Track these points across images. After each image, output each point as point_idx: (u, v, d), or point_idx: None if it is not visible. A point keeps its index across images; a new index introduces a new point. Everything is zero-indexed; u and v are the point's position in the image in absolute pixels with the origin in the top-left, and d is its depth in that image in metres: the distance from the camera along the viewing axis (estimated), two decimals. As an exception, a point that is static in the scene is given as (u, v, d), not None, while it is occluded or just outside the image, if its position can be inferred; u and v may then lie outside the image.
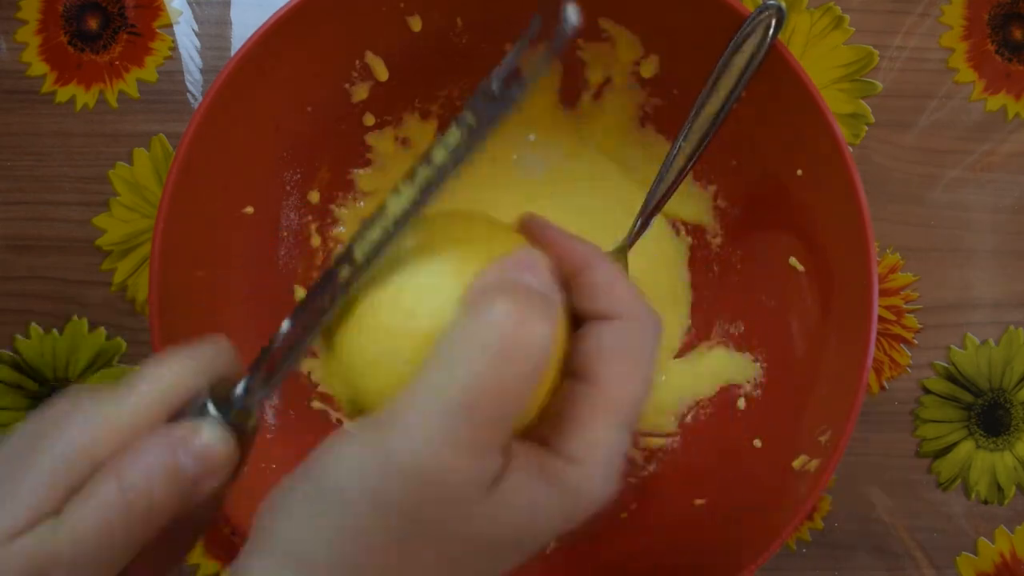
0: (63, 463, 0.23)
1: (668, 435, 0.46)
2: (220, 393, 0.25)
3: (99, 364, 0.47)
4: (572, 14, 0.22)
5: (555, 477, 0.23)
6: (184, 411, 0.25)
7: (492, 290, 0.22)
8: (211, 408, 0.25)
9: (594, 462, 0.23)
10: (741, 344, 0.45)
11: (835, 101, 0.48)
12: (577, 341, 0.25)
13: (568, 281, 0.26)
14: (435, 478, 0.21)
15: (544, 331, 0.21)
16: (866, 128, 0.48)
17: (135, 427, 0.24)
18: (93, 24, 0.47)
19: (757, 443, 0.42)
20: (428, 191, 0.24)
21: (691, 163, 0.39)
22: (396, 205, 0.25)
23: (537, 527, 0.23)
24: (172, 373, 0.25)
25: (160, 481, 0.23)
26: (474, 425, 0.21)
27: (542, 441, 0.24)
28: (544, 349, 0.21)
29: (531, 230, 0.27)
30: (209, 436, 0.24)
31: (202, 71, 0.47)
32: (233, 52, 0.38)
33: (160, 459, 0.23)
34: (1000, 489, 0.48)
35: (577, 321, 0.26)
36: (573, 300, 0.26)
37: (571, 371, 0.25)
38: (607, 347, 0.24)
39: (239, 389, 0.25)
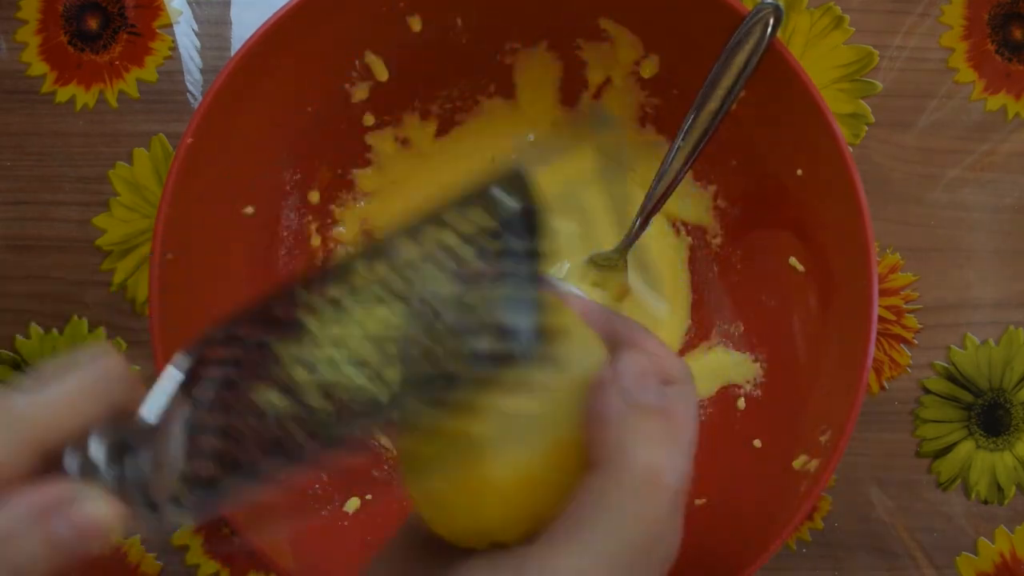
0: None
1: (668, 435, 0.46)
2: (109, 429, 0.21)
3: (99, 364, 0.46)
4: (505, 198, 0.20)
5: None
6: (65, 445, 0.21)
7: (629, 426, 0.21)
8: (96, 452, 0.21)
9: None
10: (741, 344, 0.45)
11: (835, 101, 0.48)
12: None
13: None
14: None
15: (684, 467, 0.22)
16: (866, 128, 0.48)
17: (11, 473, 0.20)
18: (93, 24, 0.47)
19: (757, 443, 0.42)
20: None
21: (690, 163, 0.39)
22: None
23: None
24: (55, 403, 0.21)
25: (30, 550, 0.20)
26: (649, 567, 0.21)
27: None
28: (689, 481, 0.22)
29: (572, 308, 0.26)
30: (93, 507, 0.20)
31: (202, 71, 0.47)
32: (233, 52, 0.38)
33: (31, 531, 0.20)
34: (1000, 489, 0.48)
35: None
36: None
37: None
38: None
39: (96, 453, 0.21)
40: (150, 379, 0.22)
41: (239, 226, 0.41)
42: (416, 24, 0.40)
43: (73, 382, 0.21)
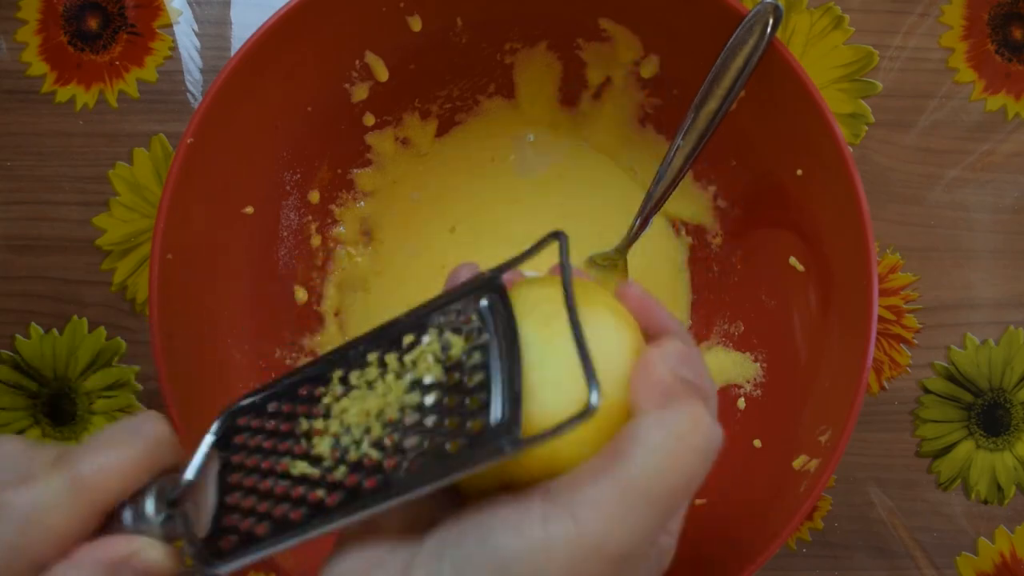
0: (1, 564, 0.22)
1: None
2: (159, 486, 0.24)
3: (99, 364, 0.47)
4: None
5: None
6: (122, 504, 0.24)
7: (675, 389, 0.23)
8: (150, 508, 0.24)
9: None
10: (741, 344, 0.45)
11: (835, 101, 0.48)
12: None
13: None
14: (631, 560, 0.21)
15: (720, 431, 0.23)
16: (866, 128, 0.48)
17: (77, 530, 0.23)
18: (93, 24, 0.47)
19: (757, 443, 0.42)
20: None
21: (689, 162, 0.39)
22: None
23: None
24: (118, 468, 0.24)
25: None
26: (662, 515, 0.22)
27: None
28: (717, 444, 0.23)
29: (629, 299, 0.27)
30: (155, 554, 0.24)
31: (202, 71, 0.47)
32: (233, 52, 0.38)
33: None
34: (1000, 489, 0.48)
35: None
36: None
37: None
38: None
39: (151, 507, 0.24)
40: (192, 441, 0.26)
41: (239, 226, 0.41)
42: (416, 24, 0.40)
43: (131, 452, 0.24)
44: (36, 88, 0.47)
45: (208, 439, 0.26)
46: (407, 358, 0.24)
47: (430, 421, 0.22)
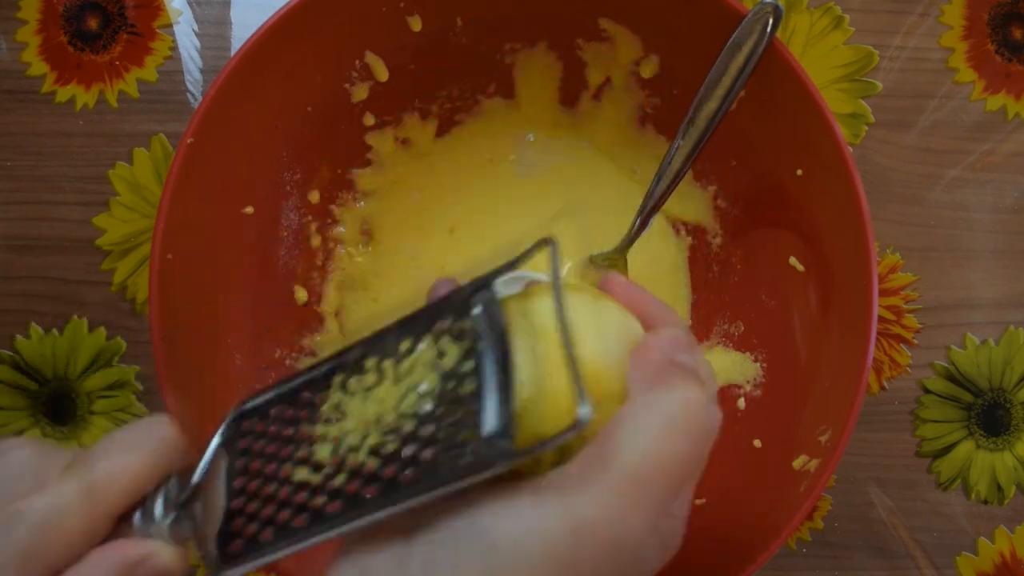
0: (15, 564, 0.23)
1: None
2: (169, 490, 0.25)
3: (99, 364, 0.47)
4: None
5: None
6: (133, 508, 0.25)
7: (667, 372, 0.23)
8: (159, 511, 0.24)
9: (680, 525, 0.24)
10: (741, 344, 0.45)
11: (835, 101, 0.48)
12: None
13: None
14: (624, 546, 0.21)
15: (719, 414, 0.23)
16: (866, 128, 0.48)
17: (90, 535, 0.24)
18: (93, 24, 0.47)
19: (757, 443, 0.42)
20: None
21: (689, 162, 0.39)
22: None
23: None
24: (129, 472, 0.24)
25: None
26: (657, 499, 0.21)
27: None
28: (715, 428, 0.23)
29: (614, 289, 0.27)
30: (166, 556, 0.24)
31: (202, 71, 0.47)
32: (233, 52, 0.38)
33: None
34: (1000, 489, 0.48)
35: None
36: None
37: None
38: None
39: (159, 510, 0.24)
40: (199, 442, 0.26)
41: (239, 226, 0.41)
42: (416, 24, 0.40)
43: (143, 456, 0.24)
44: (36, 88, 0.47)
45: (215, 441, 0.26)
46: (403, 365, 0.24)
47: (427, 431, 0.22)
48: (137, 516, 0.25)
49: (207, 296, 0.40)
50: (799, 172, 0.40)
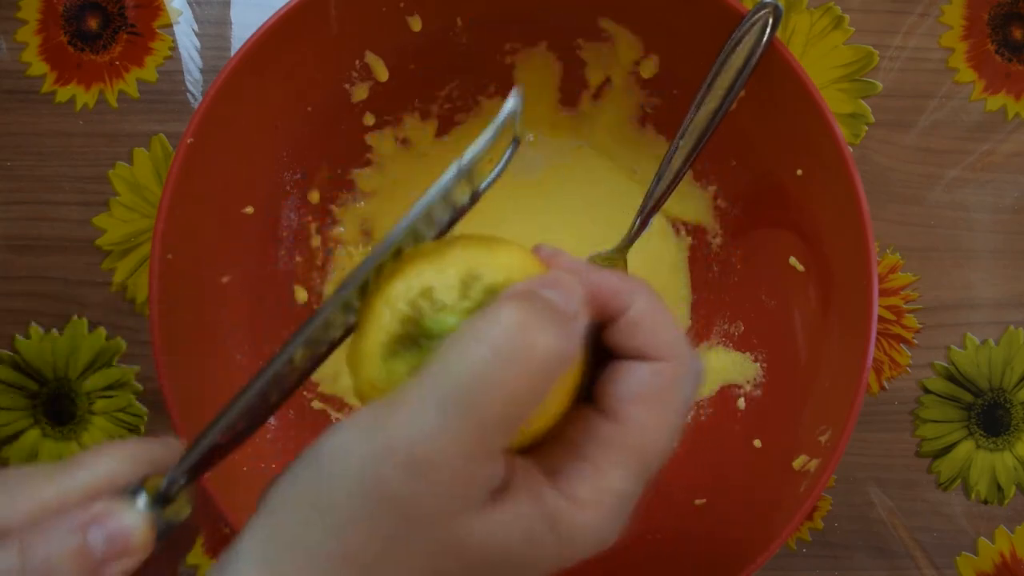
0: None
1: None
2: (158, 488, 0.25)
3: (99, 364, 0.47)
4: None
5: (557, 519, 0.22)
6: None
7: (510, 297, 0.21)
8: (141, 498, 0.24)
9: (600, 511, 0.22)
10: (741, 344, 0.45)
11: (835, 101, 0.48)
12: (609, 376, 0.24)
13: (603, 314, 0.24)
14: (431, 470, 0.20)
15: (551, 343, 0.21)
16: (866, 128, 0.48)
17: (58, 505, 0.24)
18: (93, 24, 0.47)
19: (757, 443, 0.42)
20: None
21: (689, 162, 0.39)
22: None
23: (528, 562, 0.22)
24: (108, 459, 0.25)
25: (64, 560, 0.23)
26: (472, 421, 0.20)
27: (550, 469, 0.23)
28: (550, 361, 0.21)
29: (555, 263, 0.25)
30: (127, 519, 0.24)
31: (202, 71, 0.47)
32: (233, 52, 0.38)
33: (67, 539, 0.23)
34: (1000, 489, 0.48)
35: (599, 353, 0.25)
36: (610, 335, 0.24)
37: (597, 406, 0.24)
38: (640, 388, 0.23)
39: (164, 481, 0.25)
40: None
41: (239, 226, 0.41)
42: (416, 24, 0.40)
43: (127, 450, 0.25)
44: (36, 88, 0.47)
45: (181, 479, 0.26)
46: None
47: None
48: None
49: (207, 296, 0.40)
50: (799, 172, 0.40)
